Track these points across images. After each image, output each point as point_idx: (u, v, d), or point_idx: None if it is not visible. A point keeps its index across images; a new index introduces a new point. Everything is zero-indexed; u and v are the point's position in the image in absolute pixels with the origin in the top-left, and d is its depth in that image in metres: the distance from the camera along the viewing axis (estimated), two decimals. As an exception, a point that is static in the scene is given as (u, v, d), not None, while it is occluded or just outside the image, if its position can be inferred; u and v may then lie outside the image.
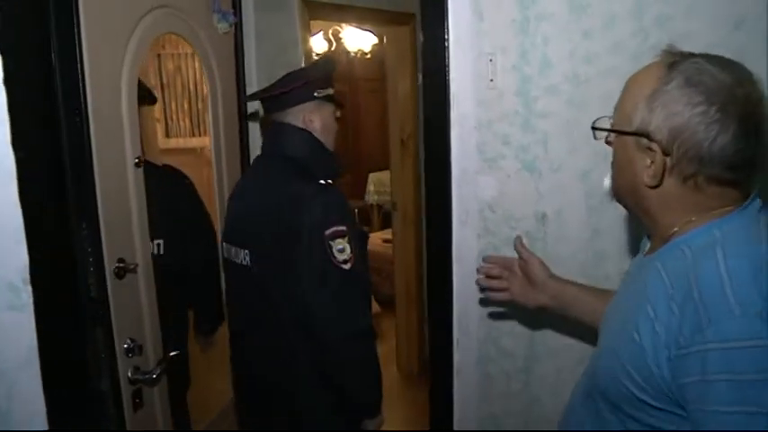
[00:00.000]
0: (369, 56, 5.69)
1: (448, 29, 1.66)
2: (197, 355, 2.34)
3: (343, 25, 5.73)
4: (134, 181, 1.65)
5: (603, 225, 1.61)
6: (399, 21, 3.47)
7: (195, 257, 2.18)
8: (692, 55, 0.89)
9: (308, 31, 3.19)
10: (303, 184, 1.62)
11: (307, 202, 1.58)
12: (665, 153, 0.88)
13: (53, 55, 1.40)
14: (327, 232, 1.57)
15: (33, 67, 1.39)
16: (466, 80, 1.67)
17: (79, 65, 1.43)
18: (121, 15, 1.60)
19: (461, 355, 1.81)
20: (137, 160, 1.65)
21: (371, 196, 6.82)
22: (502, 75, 1.62)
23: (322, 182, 1.63)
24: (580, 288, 1.31)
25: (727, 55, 0.88)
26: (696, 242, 0.88)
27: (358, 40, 5.57)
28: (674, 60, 0.89)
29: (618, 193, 1.02)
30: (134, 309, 1.66)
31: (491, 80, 1.63)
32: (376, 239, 5.07)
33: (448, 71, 1.70)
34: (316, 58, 6.48)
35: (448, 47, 1.67)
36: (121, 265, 1.59)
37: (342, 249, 1.58)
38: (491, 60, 1.62)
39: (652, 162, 0.90)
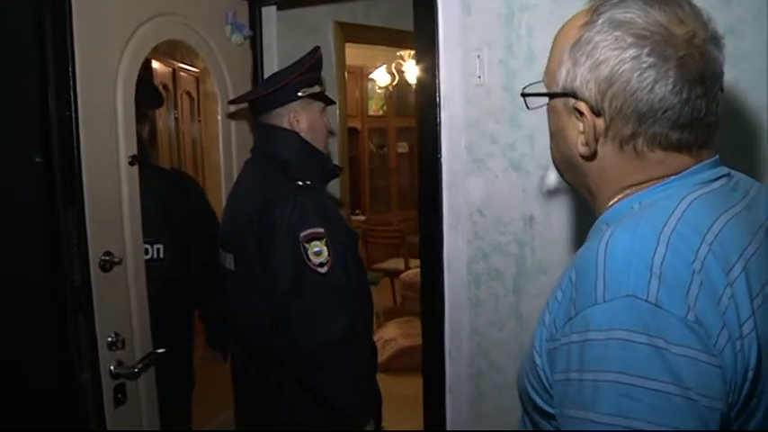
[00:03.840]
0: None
1: (437, 25, 1.64)
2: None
3: (406, 58, 5.75)
4: (127, 178, 1.69)
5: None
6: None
7: (200, 266, 2.10)
8: None
9: (344, 53, 3.24)
10: (280, 184, 1.59)
11: (281, 203, 1.54)
12: (597, 114, 0.74)
13: (47, 50, 1.48)
14: (302, 234, 1.52)
15: (30, 61, 1.49)
16: (455, 79, 1.62)
17: (70, 63, 1.50)
18: (120, 19, 1.67)
19: (453, 369, 1.72)
20: (130, 158, 1.70)
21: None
22: (489, 70, 1.56)
23: (300, 183, 1.58)
24: None
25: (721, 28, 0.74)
26: (614, 218, 0.75)
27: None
28: (600, 3, 0.75)
29: (559, 171, 0.89)
30: (120, 303, 1.68)
31: (479, 77, 1.58)
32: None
33: (438, 71, 1.66)
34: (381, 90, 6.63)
35: (438, 44, 1.64)
36: (107, 258, 1.62)
37: (318, 252, 1.52)
38: (479, 56, 1.57)
39: (584, 127, 0.76)
